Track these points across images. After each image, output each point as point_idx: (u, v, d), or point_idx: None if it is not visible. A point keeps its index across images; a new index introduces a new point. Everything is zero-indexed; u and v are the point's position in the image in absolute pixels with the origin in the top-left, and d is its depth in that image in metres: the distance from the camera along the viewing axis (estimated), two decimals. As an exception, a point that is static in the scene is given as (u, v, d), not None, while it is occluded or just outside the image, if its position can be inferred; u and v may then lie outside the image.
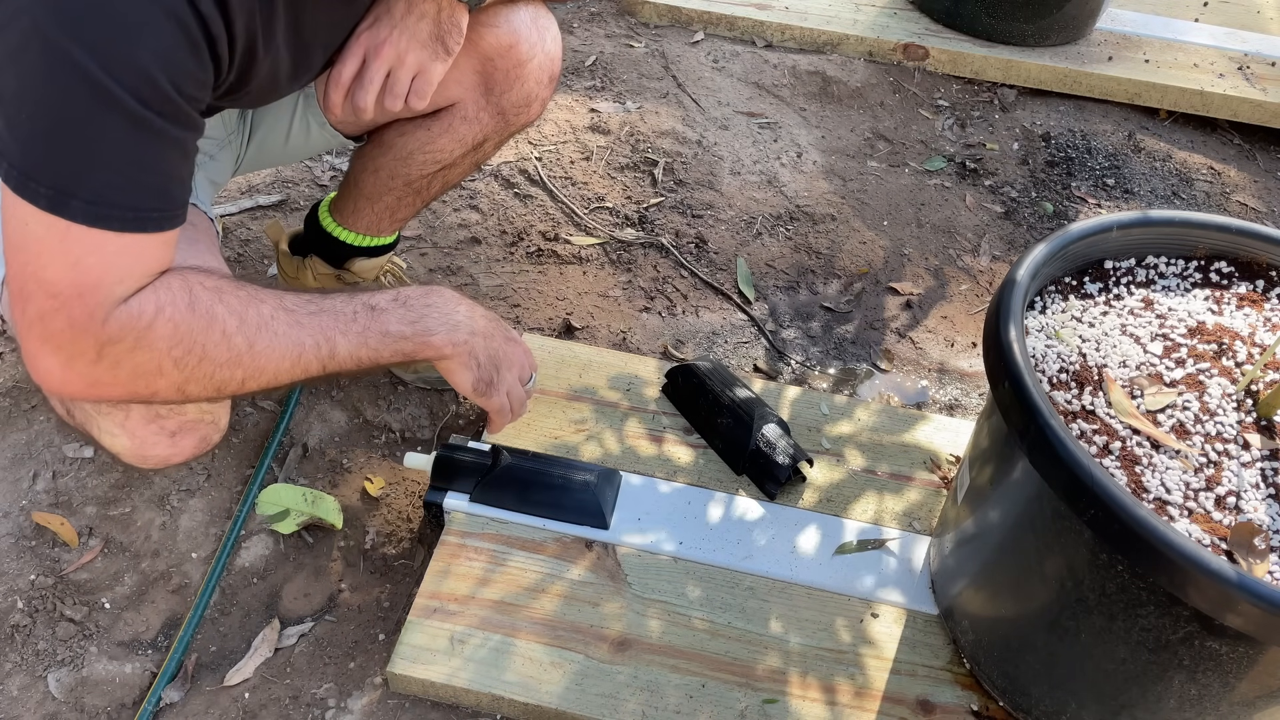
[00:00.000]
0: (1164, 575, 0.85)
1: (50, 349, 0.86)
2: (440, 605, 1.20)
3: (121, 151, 0.80)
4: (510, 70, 1.23)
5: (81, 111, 0.77)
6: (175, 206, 0.87)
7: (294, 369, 0.96)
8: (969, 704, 1.17)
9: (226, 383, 0.93)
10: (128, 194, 0.82)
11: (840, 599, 1.25)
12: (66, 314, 0.84)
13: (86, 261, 0.83)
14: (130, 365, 0.87)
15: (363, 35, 1.10)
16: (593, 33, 2.37)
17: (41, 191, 0.80)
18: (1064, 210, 2.04)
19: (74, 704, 1.16)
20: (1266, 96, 2.28)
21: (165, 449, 1.03)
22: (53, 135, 0.79)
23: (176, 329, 0.88)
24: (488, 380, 1.10)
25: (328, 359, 0.98)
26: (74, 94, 0.77)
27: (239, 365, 0.93)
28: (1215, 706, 0.97)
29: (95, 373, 0.87)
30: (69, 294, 0.83)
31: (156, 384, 0.90)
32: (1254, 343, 1.08)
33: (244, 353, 0.92)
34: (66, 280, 0.83)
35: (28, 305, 0.84)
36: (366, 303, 1.01)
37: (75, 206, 0.80)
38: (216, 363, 0.91)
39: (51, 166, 0.79)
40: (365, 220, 1.38)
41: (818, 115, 2.22)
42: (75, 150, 0.79)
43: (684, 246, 1.84)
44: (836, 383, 1.64)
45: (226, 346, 0.91)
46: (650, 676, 1.16)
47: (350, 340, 0.99)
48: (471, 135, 1.28)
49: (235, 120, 1.28)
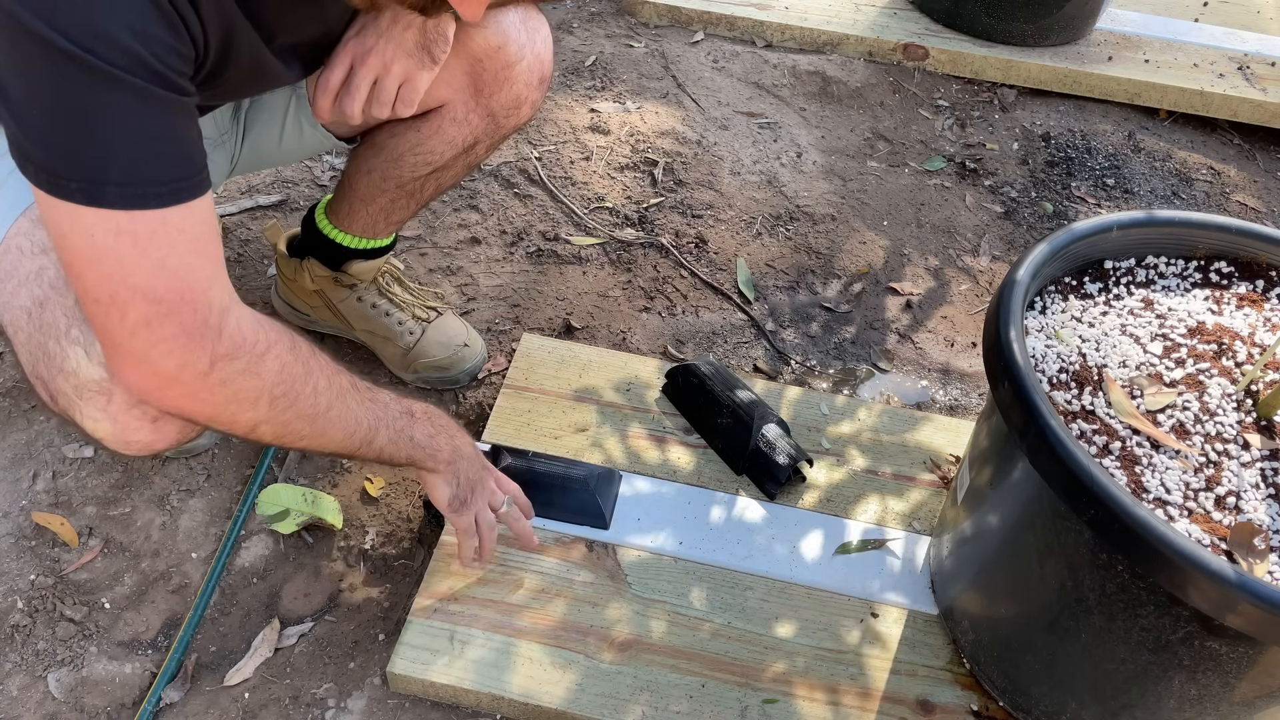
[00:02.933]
0: (1164, 575, 0.85)
1: (161, 354, 0.86)
2: (440, 605, 1.20)
3: (136, 126, 0.80)
4: (499, 72, 1.23)
5: (85, 96, 0.77)
6: (200, 170, 0.86)
7: (344, 441, 1.03)
8: (969, 704, 1.17)
9: (293, 434, 0.98)
10: (156, 167, 0.82)
11: (840, 599, 1.25)
12: (178, 320, 0.85)
13: (171, 264, 0.84)
14: (235, 388, 0.91)
15: (349, 43, 1.11)
16: (593, 33, 2.37)
17: (73, 186, 0.79)
18: (1064, 210, 2.04)
19: (74, 704, 1.16)
20: (1266, 96, 2.28)
21: (147, 434, 1.02)
22: (66, 127, 0.78)
23: (284, 369, 0.93)
24: (463, 499, 1.16)
25: (366, 444, 1.05)
26: (71, 81, 0.76)
27: (314, 422, 0.98)
28: (1215, 706, 0.97)
29: (200, 385, 0.89)
30: (172, 299, 0.84)
31: (243, 414, 0.93)
32: (1254, 343, 1.08)
33: (322, 413, 0.98)
34: (163, 285, 0.84)
35: (126, 312, 0.84)
36: (408, 408, 1.09)
37: (111, 193, 0.80)
38: (299, 412, 0.96)
39: (76, 158, 0.79)
40: (361, 222, 1.38)
41: (818, 115, 2.22)
42: (92, 136, 0.78)
43: (684, 246, 1.84)
44: (836, 383, 1.64)
45: (313, 402, 0.97)
46: (650, 677, 1.16)
47: (387, 434, 1.06)
48: (462, 137, 1.28)
49: (228, 120, 1.28)
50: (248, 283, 1.66)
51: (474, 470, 1.16)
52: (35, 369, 1.00)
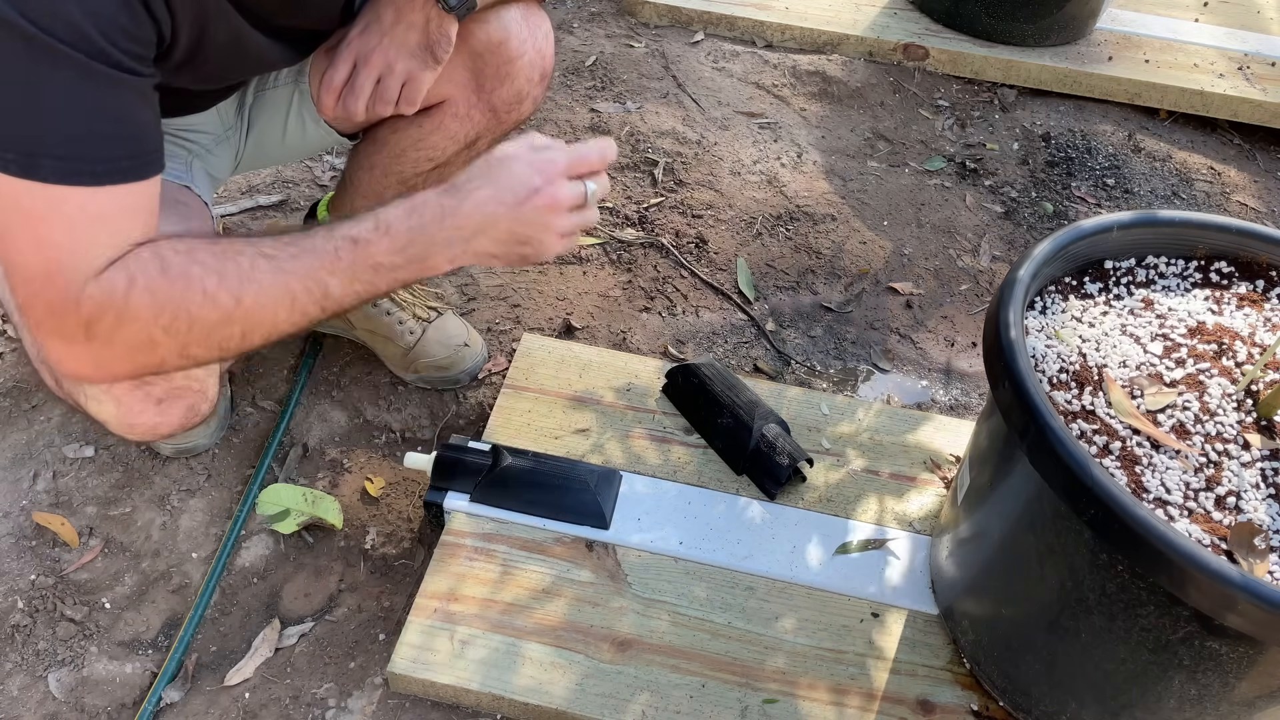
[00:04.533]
0: (1164, 575, 0.85)
1: (44, 335, 0.85)
2: (440, 605, 1.20)
3: (77, 102, 0.78)
4: (500, 67, 1.23)
5: (26, 70, 0.75)
6: (147, 152, 0.84)
7: (292, 315, 0.92)
8: (969, 704, 1.17)
9: (227, 340, 0.91)
10: (95, 145, 0.80)
11: (840, 599, 1.25)
12: (44, 299, 0.83)
13: (51, 238, 0.81)
14: (122, 340, 0.86)
15: (353, 42, 1.11)
16: (593, 33, 2.37)
17: (10, 158, 0.78)
18: (1064, 210, 2.04)
19: (74, 704, 1.17)
20: (1266, 96, 2.28)
21: (152, 417, 1.02)
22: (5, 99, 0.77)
23: (154, 297, 0.86)
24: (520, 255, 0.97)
25: (323, 300, 0.93)
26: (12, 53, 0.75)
27: (232, 322, 0.90)
28: (1215, 706, 0.97)
29: (93, 352, 0.86)
30: (39, 278, 0.82)
31: (156, 355, 0.89)
32: (1254, 343, 1.08)
33: (233, 309, 0.89)
34: (34, 264, 0.81)
35: (16, 294, 0.83)
36: (347, 235, 0.93)
37: (47, 165, 0.78)
38: (208, 324, 0.89)
39: (12, 130, 0.77)
40: None
41: (818, 115, 2.22)
42: (31, 109, 0.77)
43: (684, 246, 1.84)
44: (837, 383, 1.64)
45: (213, 306, 0.88)
46: (651, 677, 1.16)
47: (340, 279, 0.93)
48: (464, 133, 1.28)
49: (232, 115, 1.28)
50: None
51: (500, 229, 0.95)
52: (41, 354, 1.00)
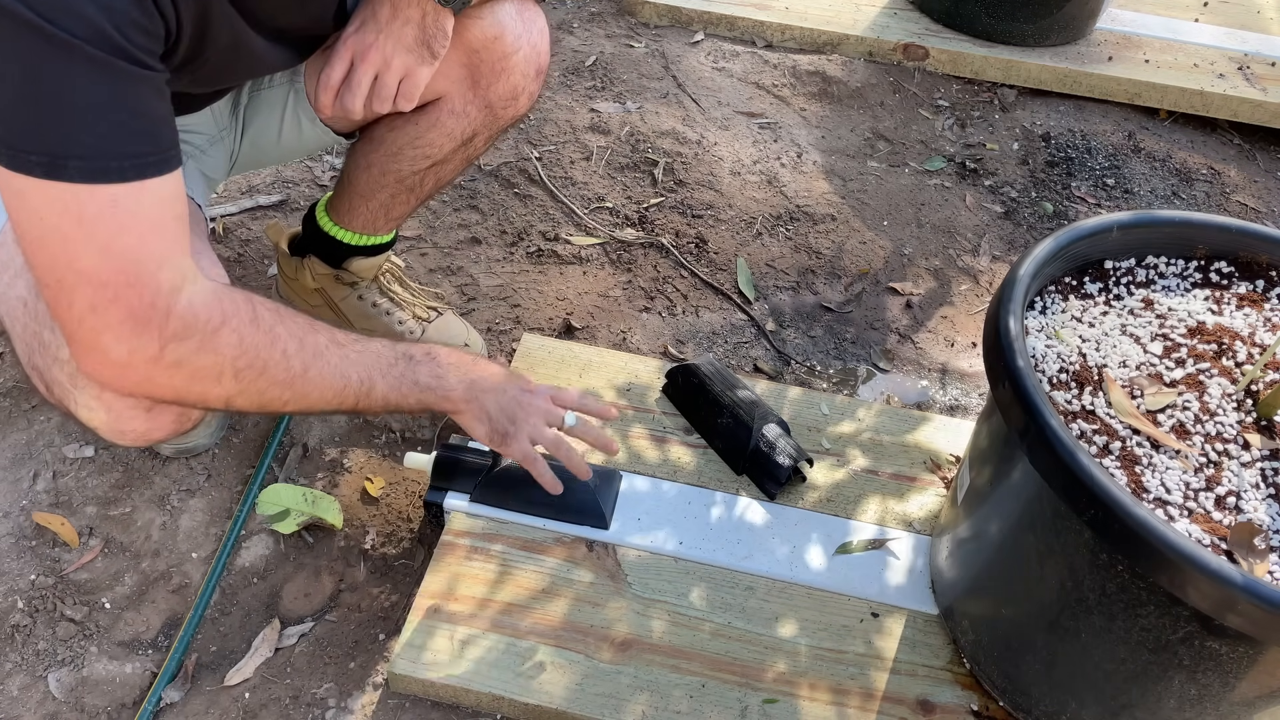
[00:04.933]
0: (1164, 575, 0.85)
1: (110, 341, 0.85)
2: (440, 605, 1.20)
3: (99, 100, 0.78)
4: (495, 63, 1.23)
5: (47, 69, 0.75)
6: (168, 147, 0.85)
7: (335, 400, 1.01)
8: (969, 704, 1.17)
9: (272, 401, 0.96)
10: (120, 142, 0.80)
11: (840, 599, 1.25)
12: (124, 305, 0.84)
13: (117, 245, 0.82)
14: (192, 366, 0.89)
15: (349, 39, 1.11)
16: (593, 33, 2.37)
17: (34, 160, 0.78)
18: (1064, 210, 2.05)
19: (74, 704, 1.17)
20: (1266, 96, 2.28)
21: (142, 424, 1.02)
22: (27, 99, 0.77)
23: (242, 340, 0.91)
24: (502, 431, 1.13)
25: (364, 396, 1.03)
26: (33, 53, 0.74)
27: (290, 387, 0.96)
28: (1215, 706, 0.97)
29: (153, 369, 0.88)
30: (118, 282, 0.83)
31: (210, 390, 0.92)
32: (1254, 343, 1.08)
33: (298, 376, 0.96)
34: (108, 268, 0.82)
35: (74, 297, 0.83)
36: (405, 352, 1.06)
37: (73, 167, 0.78)
38: (272, 380, 0.95)
39: (37, 131, 0.78)
40: (361, 219, 1.38)
41: (818, 115, 2.22)
42: (55, 109, 0.77)
43: (684, 246, 1.84)
44: (837, 383, 1.64)
45: (285, 367, 0.95)
46: (651, 677, 1.16)
47: (387, 383, 1.04)
48: (460, 130, 1.28)
49: (227, 116, 1.28)
50: (248, 283, 1.66)
51: (505, 398, 1.11)
52: (31, 359, 1.00)
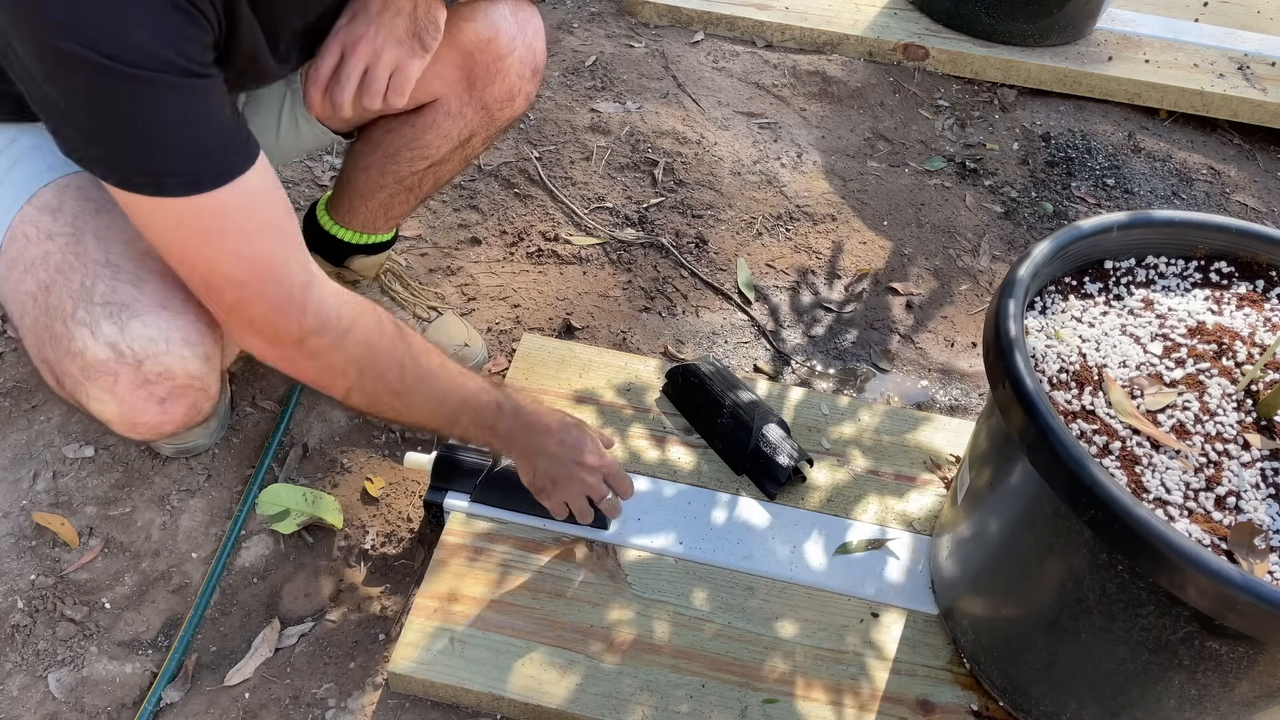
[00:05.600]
0: (1164, 575, 0.85)
1: (258, 328, 0.95)
2: (440, 605, 1.20)
3: (177, 121, 0.84)
4: (490, 64, 1.23)
5: (125, 100, 0.81)
6: (246, 138, 0.91)
7: (429, 419, 1.10)
8: (969, 704, 1.17)
9: (381, 405, 1.07)
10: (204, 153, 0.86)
11: (840, 599, 1.25)
12: (265, 299, 0.93)
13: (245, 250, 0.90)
14: (325, 360, 0.99)
15: (340, 32, 1.11)
16: (593, 33, 2.37)
17: (140, 182, 0.85)
18: (1064, 210, 2.04)
19: (74, 704, 1.16)
20: (1266, 96, 2.28)
21: (154, 415, 1.03)
22: (116, 129, 0.83)
23: (370, 346, 1.01)
24: (539, 487, 1.22)
25: (450, 423, 1.12)
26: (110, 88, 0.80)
27: (398, 396, 1.05)
28: (1215, 706, 0.97)
29: (294, 354, 0.98)
30: (255, 280, 0.92)
31: (337, 383, 1.02)
32: (1254, 343, 1.08)
33: (408, 388, 1.05)
34: (243, 270, 0.91)
35: (222, 297, 0.93)
36: (494, 396, 1.15)
37: (171, 184, 0.85)
38: (386, 386, 1.04)
39: (133, 156, 0.84)
40: (361, 218, 1.38)
41: (818, 115, 2.22)
42: (141, 136, 0.83)
43: (684, 246, 1.84)
44: (837, 383, 1.64)
45: (399, 377, 1.04)
46: (651, 677, 1.16)
47: (470, 419, 1.12)
48: (457, 131, 1.28)
49: None
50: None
51: (555, 468, 1.20)
52: (42, 352, 1.00)
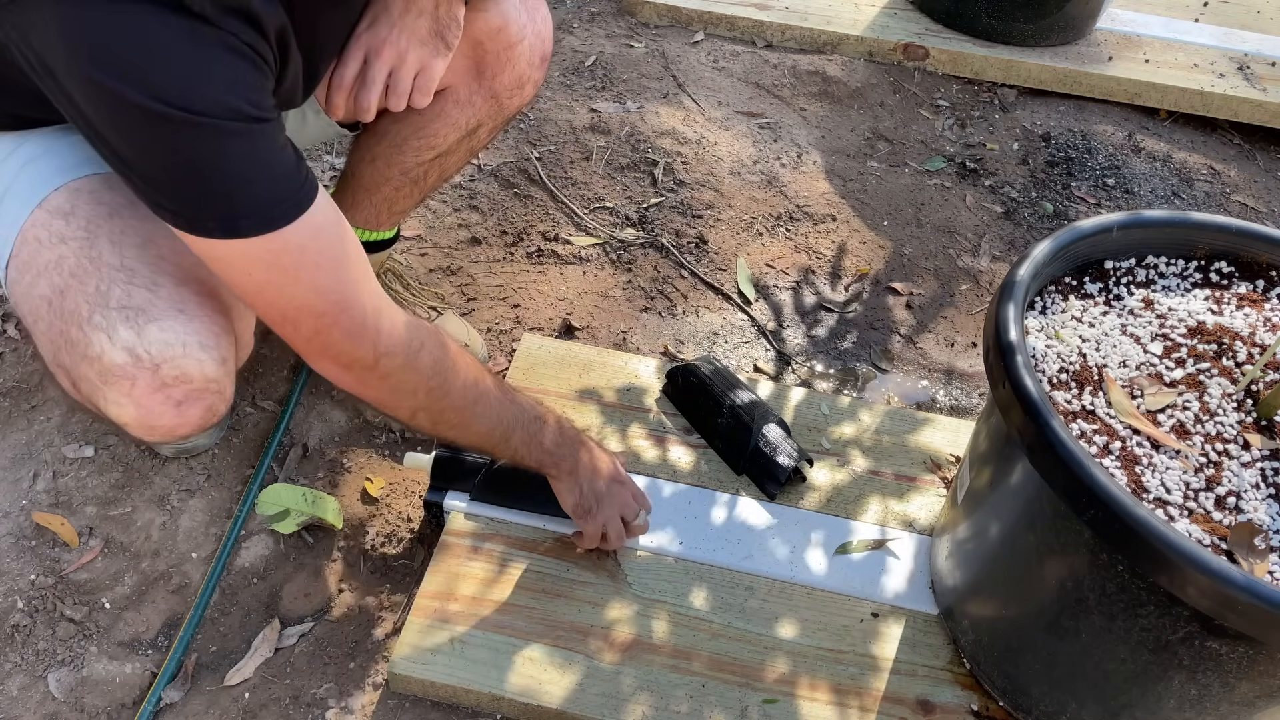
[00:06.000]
0: (1164, 575, 0.85)
1: (335, 355, 0.98)
2: (440, 605, 1.20)
3: (245, 165, 0.86)
4: (500, 53, 1.23)
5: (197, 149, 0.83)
6: (305, 173, 0.92)
7: (485, 437, 1.12)
8: (969, 704, 1.17)
9: (446, 423, 1.09)
10: (272, 193, 0.88)
11: (840, 599, 1.25)
12: (340, 327, 0.96)
13: (321, 283, 0.93)
14: (397, 380, 1.02)
15: (362, 36, 1.11)
16: (593, 33, 2.37)
17: (211, 225, 0.87)
18: (1064, 210, 2.04)
19: (74, 704, 1.16)
20: (1266, 96, 2.28)
21: (171, 419, 1.03)
22: (187, 177, 0.85)
23: (437, 364, 1.04)
24: (586, 507, 1.21)
25: (504, 440, 1.13)
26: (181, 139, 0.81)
27: (461, 414, 1.08)
28: (1215, 706, 0.97)
29: (369, 377, 1.00)
30: (332, 311, 0.94)
31: (405, 402, 1.05)
32: (1254, 343, 1.08)
33: (469, 406, 1.08)
34: (322, 302, 0.94)
35: (299, 328, 0.96)
36: (541, 415, 1.17)
37: (244, 224, 0.87)
38: (451, 404, 1.07)
39: (203, 202, 0.86)
40: (364, 213, 1.38)
41: (818, 115, 2.22)
42: (211, 181, 0.85)
43: (684, 246, 1.84)
44: (837, 383, 1.64)
45: (462, 395, 1.07)
46: (651, 677, 1.16)
47: (522, 435, 1.14)
48: (465, 120, 1.28)
49: None
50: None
51: (598, 483, 1.21)
52: (57, 357, 1.00)
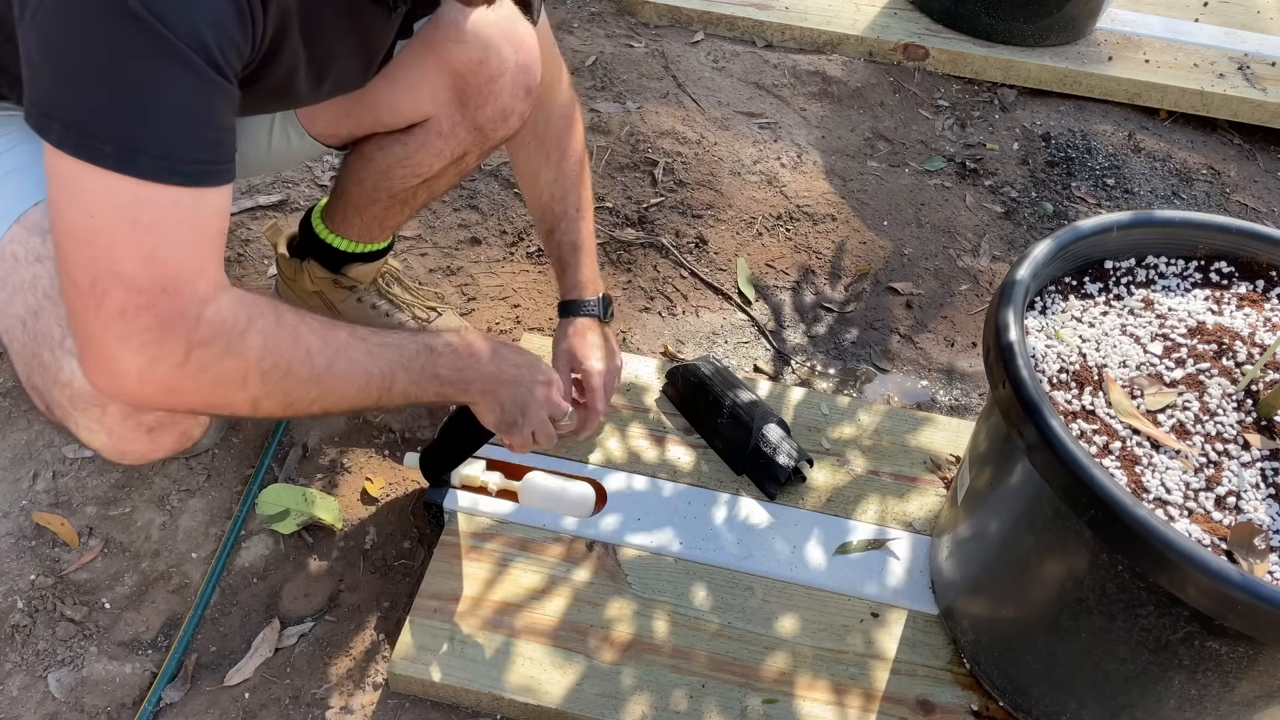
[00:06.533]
0: (1164, 575, 0.85)
1: (133, 349, 0.83)
2: (440, 605, 1.20)
3: (185, 102, 0.77)
4: (482, 86, 1.20)
5: (142, 60, 0.74)
6: (229, 159, 0.85)
7: (359, 396, 0.99)
8: (969, 704, 1.17)
9: (298, 401, 0.95)
10: (195, 145, 0.80)
11: (840, 599, 1.25)
12: (155, 311, 0.81)
13: (162, 252, 0.80)
14: (217, 372, 0.87)
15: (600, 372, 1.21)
16: (593, 33, 2.37)
17: (106, 151, 0.76)
18: (1064, 210, 2.04)
19: (74, 704, 1.16)
20: (1266, 96, 2.28)
21: (143, 445, 1.02)
22: (114, 86, 0.75)
23: (267, 341, 0.89)
24: (510, 421, 1.15)
25: (385, 391, 1.01)
26: (132, 40, 0.73)
27: (317, 384, 0.95)
28: (1215, 706, 0.97)
29: (178, 377, 0.85)
30: (153, 289, 0.81)
31: (236, 395, 0.90)
32: (1254, 343, 1.08)
33: (323, 373, 0.95)
34: (147, 274, 0.80)
35: (104, 300, 0.81)
36: (426, 344, 1.05)
37: (144, 163, 0.77)
38: (298, 379, 0.93)
39: (115, 120, 0.76)
40: (356, 228, 1.37)
41: (818, 115, 2.22)
42: (140, 101, 0.75)
43: (684, 246, 1.84)
44: (837, 383, 1.64)
45: (309, 365, 0.93)
46: (651, 677, 1.16)
47: (408, 376, 1.02)
48: (450, 150, 1.26)
49: None
50: (248, 283, 1.66)
51: (520, 392, 1.13)
52: (30, 379, 0.99)
